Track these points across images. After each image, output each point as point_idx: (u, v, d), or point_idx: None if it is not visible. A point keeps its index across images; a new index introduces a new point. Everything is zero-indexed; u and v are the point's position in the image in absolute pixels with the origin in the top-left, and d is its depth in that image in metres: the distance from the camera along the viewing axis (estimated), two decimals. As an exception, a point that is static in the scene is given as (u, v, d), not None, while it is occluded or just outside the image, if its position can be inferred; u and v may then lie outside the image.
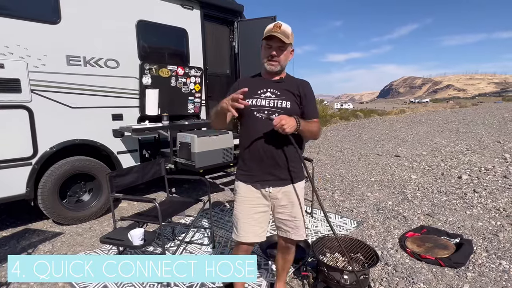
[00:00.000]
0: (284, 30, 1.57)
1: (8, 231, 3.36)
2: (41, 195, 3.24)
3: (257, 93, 1.66)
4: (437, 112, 26.18)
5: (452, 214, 3.53)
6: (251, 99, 1.64)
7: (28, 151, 3.11)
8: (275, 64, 1.63)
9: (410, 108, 37.08)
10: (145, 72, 3.87)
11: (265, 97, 1.66)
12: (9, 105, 2.96)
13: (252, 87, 1.63)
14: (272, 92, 1.66)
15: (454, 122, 14.41)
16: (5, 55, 2.92)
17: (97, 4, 3.49)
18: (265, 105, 1.64)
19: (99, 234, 3.26)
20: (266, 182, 1.69)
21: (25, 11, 3.06)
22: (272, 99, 1.65)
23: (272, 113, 1.59)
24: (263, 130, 1.62)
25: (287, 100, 1.64)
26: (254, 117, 1.64)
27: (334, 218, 3.55)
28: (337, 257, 2.36)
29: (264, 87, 1.68)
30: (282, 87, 1.67)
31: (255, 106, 1.64)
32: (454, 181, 4.79)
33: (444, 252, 2.61)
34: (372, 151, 7.76)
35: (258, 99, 1.65)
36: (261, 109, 1.63)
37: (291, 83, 1.71)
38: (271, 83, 1.69)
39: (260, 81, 1.72)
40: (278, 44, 1.59)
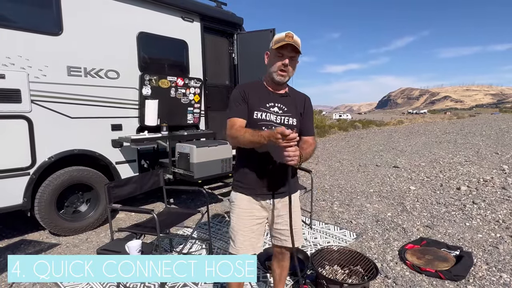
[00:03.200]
0: (296, 40, 1.54)
1: (4, 242, 3.32)
2: (38, 206, 3.22)
3: (265, 106, 1.61)
4: (435, 123, 26.34)
5: (451, 226, 3.52)
6: (259, 112, 1.60)
7: (26, 161, 3.10)
8: (285, 74, 1.59)
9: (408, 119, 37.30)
10: (145, 83, 3.91)
11: (273, 112, 1.62)
12: (8, 115, 2.96)
13: (260, 99, 1.61)
14: (280, 108, 1.63)
15: (452, 133, 14.49)
16: (6, 66, 2.94)
17: (98, 16, 3.54)
18: (274, 121, 1.60)
19: (96, 245, 3.22)
20: (267, 195, 1.68)
21: (28, 23, 3.11)
22: (279, 115, 1.62)
23: None
24: (271, 146, 1.55)
25: (293, 117, 1.63)
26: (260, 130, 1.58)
27: (333, 229, 3.53)
28: (336, 269, 2.34)
29: (272, 100, 1.63)
30: (288, 102, 1.65)
31: (264, 121, 1.59)
32: (453, 192, 4.78)
33: (444, 264, 2.59)
34: (370, 162, 7.76)
35: (267, 113, 1.60)
36: (269, 125, 1.58)
37: (295, 98, 1.69)
38: (278, 97, 1.65)
39: (267, 93, 1.66)
40: (291, 54, 1.56)
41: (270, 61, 1.62)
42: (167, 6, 4.11)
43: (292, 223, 1.67)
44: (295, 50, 1.54)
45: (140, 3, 3.86)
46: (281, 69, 1.57)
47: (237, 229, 1.69)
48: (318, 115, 22.90)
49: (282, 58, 1.56)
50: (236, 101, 1.62)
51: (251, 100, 1.60)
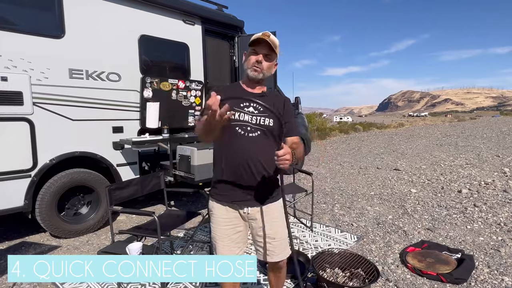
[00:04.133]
0: (273, 39, 1.50)
1: (5, 244, 3.32)
2: (39, 208, 3.22)
3: (239, 106, 1.52)
4: (435, 125, 26.32)
5: (452, 229, 3.51)
6: (233, 112, 1.49)
7: (27, 163, 3.11)
8: (259, 70, 1.52)
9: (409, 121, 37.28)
10: (146, 85, 3.92)
11: (248, 112, 1.53)
12: (10, 117, 2.98)
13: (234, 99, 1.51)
14: (255, 108, 1.53)
15: (453, 136, 14.48)
16: (9, 68, 2.96)
17: (100, 19, 3.56)
18: (248, 121, 1.51)
19: (97, 247, 3.22)
20: (244, 203, 1.57)
21: (30, 26, 3.13)
22: (255, 115, 1.52)
23: (255, 130, 1.51)
24: (246, 148, 1.50)
25: (270, 117, 1.53)
26: (236, 132, 1.51)
27: (334, 232, 3.52)
28: (337, 272, 2.34)
29: (247, 100, 1.53)
30: (265, 102, 1.48)
31: (238, 121, 1.50)
32: (454, 195, 4.77)
33: (445, 267, 2.58)
34: (371, 164, 7.76)
35: (241, 113, 1.51)
36: (244, 125, 1.51)
37: (273, 99, 1.62)
38: (253, 96, 1.54)
39: (242, 92, 1.58)
40: (265, 51, 1.51)
41: (245, 59, 1.58)
42: (168, 9, 4.13)
43: (272, 234, 1.59)
44: (270, 48, 1.50)
45: (142, 6, 3.88)
46: (255, 65, 1.52)
47: (217, 239, 1.60)
48: (318, 117, 22.90)
49: (256, 54, 1.52)
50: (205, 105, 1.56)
51: (226, 102, 1.49)
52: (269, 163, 1.50)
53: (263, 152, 1.49)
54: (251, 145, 1.50)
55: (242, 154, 1.50)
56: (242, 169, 1.51)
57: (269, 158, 1.43)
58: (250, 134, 1.50)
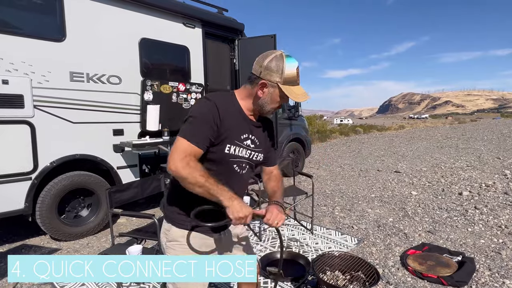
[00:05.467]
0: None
1: (5, 247, 3.32)
2: (39, 211, 3.22)
3: (240, 139, 1.27)
4: (436, 128, 26.32)
5: (453, 231, 3.50)
6: (233, 146, 1.24)
7: (28, 166, 3.12)
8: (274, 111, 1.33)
9: (410, 123, 37.28)
10: (147, 88, 3.93)
11: (246, 146, 1.29)
12: (11, 120, 2.99)
13: (236, 128, 1.25)
14: (253, 141, 1.32)
15: (454, 138, 14.47)
16: (10, 71, 2.97)
17: (101, 22, 3.58)
18: (245, 157, 1.30)
19: (97, 250, 3.22)
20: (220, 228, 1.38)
21: (32, 29, 3.15)
22: (251, 150, 1.31)
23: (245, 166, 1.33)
24: (238, 186, 1.31)
25: (261, 153, 1.36)
26: (233, 171, 1.29)
27: (335, 234, 3.51)
28: (337, 275, 2.33)
29: (247, 131, 1.29)
30: (261, 135, 1.36)
31: (237, 157, 1.27)
32: (455, 197, 4.76)
33: (446, 270, 2.57)
34: (372, 166, 7.75)
35: (240, 148, 1.27)
36: (241, 162, 1.30)
37: (266, 127, 1.40)
38: (253, 128, 1.32)
39: (243, 120, 1.29)
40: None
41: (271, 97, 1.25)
42: (169, 12, 4.15)
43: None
44: None
45: (142, 9, 3.90)
46: (276, 107, 1.29)
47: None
48: (319, 120, 22.92)
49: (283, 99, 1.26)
50: (203, 119, 1.17)
51: (225, 128, 1.20)
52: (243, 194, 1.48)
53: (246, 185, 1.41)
54: (243, 183, 1.37)
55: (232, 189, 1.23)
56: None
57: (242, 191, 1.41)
58: (243, 171, 1.32)
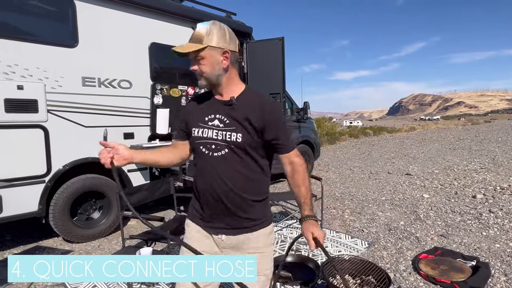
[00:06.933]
0: (195, 34, 1.22)
1: (19, 248, 3.40)
2: (52, 213, 3.29)
3: (204, 121, 1.28)
4: (448, 129, 25.84)
5: (467, 235, 3.42)
6: (197, 129, 1.28)
7: (42, 169, 3.19)
8: (199, 78, 1.27)
9: (421, 125, 36.70)
10: (157, 92, 3.98)
11: (212, 126, 1.26)
12: (26, 124, 3.06)
13: (200, 112, 1.30)
14: (221, 120, 1.26)
15: (467, 139, 14.17)
16: (25, 77, 3.05)
17: (112, 28, 3.65)
18: (213, 138, 1.26)
19: (108, 252, 3.26)
20: (218, 230, 1.31)
21: (46, 36, 3.24)
22: (220, 130, 1.25)
23: (220, 149, 1.24)
24: (210, 170, 1.26)
25: (237, 132, 1.23)
26: (201, 152, 1.28)
27: (345, 238, 3.48)
28: (347, 279, 2.30)
29: (212, 111, 1.28)
30: (233, 112, 1.26)
31: (201, 139, 1.27)
32: (469, 200, 4.66)
33: (460, 275, 2.51)
34: (382, 169, 7.65)
35: (204, 129, 1.27)
36: (208, 143, 1.26)
37: (245, 106, 1.26)
38: (220, 106, 1.28)
39: (210, 102, 1.32)
40: (192, 55, 1.24)
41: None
42: (178, 17, 4.21)
43: None
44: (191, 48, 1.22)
45: (152, 15, 3.96)
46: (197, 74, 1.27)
47: None
48: (328, 122, 22.78)
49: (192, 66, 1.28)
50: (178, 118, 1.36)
51: (191, 116, 1.33)
52: (243, 186, 1.25)
53: (233, 174, 1.23)
54: (217, 167, 1.25)
55: (207, 178, 1.27)
56: (208, 194, 1.28)
57: (243, 180, 1.25)
58: (215, 153, 1.25)
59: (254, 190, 1.28)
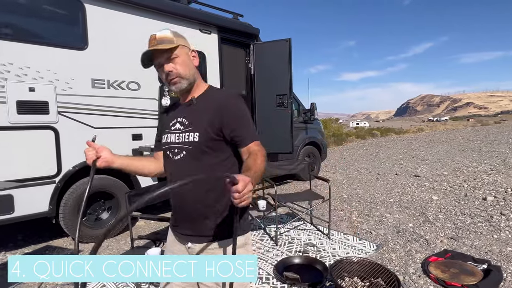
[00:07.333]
0: (161, 37, 1.19)
1: (30, 248, 3.45)
2: (62, 213, 3.33)
3: (169, 126, 1.30)
4: (457, 130, 25.49)
5: (478, 238, 3.36)
6: (165, 135, 1.31)
7: (52, 170, 3.24)
8: (176, 79, 1.22)
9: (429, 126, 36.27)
10: (164, 93, 4.01)
11: (174, 130, 1.27)
12: (37, 125, 3.12)
13: (167, 119, 1.34)
14: (181, 122, 1.26)
15: (476, 140, 13.96)
16: (36, 79, 3.11)
17: (121, 30, 3.69)
18: (174, 142, 1.25)
19: (116, 252, 3.29)
20: (184, 236, 1.28)
21: (56, 39, 3.29)
22: (180, 132, 1.25)
23: (180, 151, 1.23)
24: (172, 174, 1.27)
25: (195, 131, 1.20)
26: (166, 157, 1.30)
27: (352, 240, 3.45)
28: (356, 281, 2.28)
29: (175, 116, 1.30)
30: (192, 112, 1.25)
31: (166, 144, 1.29)
32: (479, 202, 4.58)
33: (471, 279, 2.47)
34: (390, 170, 7.58)
35: (169, 134, 1.29)
36: (171, 147, 1.26)
37: (204, 104, 1.25)
38: (182, 109, 1.30)
39: (175, 108, 1.36)
40: (165, 56, 1.20)
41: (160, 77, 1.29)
42: (185, 19, 4.24)
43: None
44: (163, 51, 1.19)
45: (160, 17, 4.00)
46: (169, 78, 1.23)
47: None
48: (334, 123, 22.67)
49: (162, 67, 1.22)
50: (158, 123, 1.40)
51: (163, 125, 1.37)
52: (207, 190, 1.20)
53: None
54: (178, 170, 1.23)
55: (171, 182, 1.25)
56: (175, 199, 1.28)
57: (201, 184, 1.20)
58: (176, 157, 1.24)
59: (214, 195, 1.20)
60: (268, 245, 3.35)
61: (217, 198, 1.21)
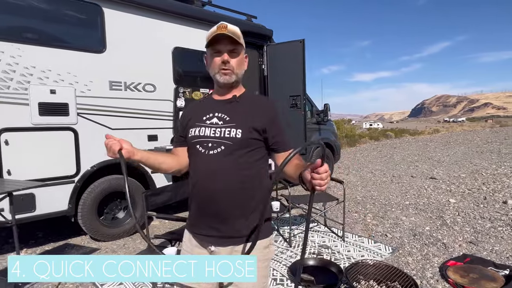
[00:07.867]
0: (233, 29, 1.21)
1: (50, 246, 3.56)
2: (81, 212, 3.42)
3: (202, 120, 1.26)
4: (475, 131, 24.78)
5: (498, 243, 3.26)
6: (194, 129, 1.26)
7: (72, 170, 3.33)
8: (229, 72, 1.23)
9: (445, 127, 35.40)
10: (179, 95, 4.07)
11: (210, 124, 1.24)
12: (58, 127, 3.22)
13: (198, 113, 1.30)
14: (220, 117, 1.24)
15: (495, 142, 13.54)
16: (57, 82, 3.21)
17: (137, 33, 3.77)
18: (210, 136, 1.22)
19: (132, 251, 3.35)
20: (208, 238, 1.23)
21: (76, 42, 3.39)
22: (219, 127, 1.22)
23: (217, 146, 1.20)
24: (206, 169, 1.20)
25: (237, 128, 1.19)
26: (197, 151, 1.23)
27: (367, 242, 3.41)
28: (372, 284, 2.26)
29: (211, 110, 1.27)
30: (234, 109, 1.25)
31: (198, 137, 1.24)
32: (499, 206, 4.45)
33: (492, 284, 2.40)
34: (405, 172, 7.44)
35: (202, 127, 1.24)
36: (205, 141, 1.22)
37: (249, 103, 1.27)
38: (221, 105, 1.27)
39: (208, 103, 1.32)
40: (229, 47, 1.22)
41: (208, 63, 1.28)
42: (200, 21, 4.29)
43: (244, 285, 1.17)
44: (233, 41, 1.21)
45: (176, 20, 4.06)
46: (222, 68, 1.22)
47: None
48: (347, 124, 22.42)
49: (220, 54, 1.23)
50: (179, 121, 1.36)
51: (189, 119, 1.31)
52: (240, 188, 1.19)
53: (231, 174, 1.17)
54: (213, 165, 1.19)
55: (202, 177, 1.21)
56: (200, 197, 1.23)
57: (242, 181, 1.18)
58: (211, 151, 1.20)
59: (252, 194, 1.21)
60: (282, 247, 3.34)
61: (253, 195, 1.21)
